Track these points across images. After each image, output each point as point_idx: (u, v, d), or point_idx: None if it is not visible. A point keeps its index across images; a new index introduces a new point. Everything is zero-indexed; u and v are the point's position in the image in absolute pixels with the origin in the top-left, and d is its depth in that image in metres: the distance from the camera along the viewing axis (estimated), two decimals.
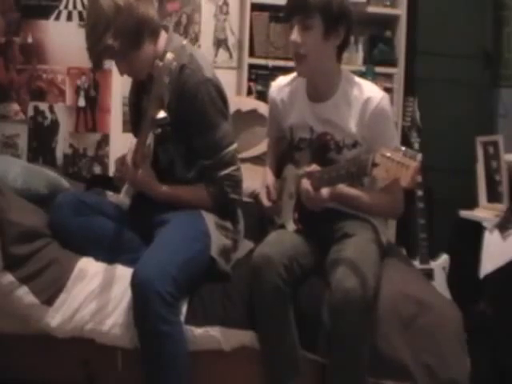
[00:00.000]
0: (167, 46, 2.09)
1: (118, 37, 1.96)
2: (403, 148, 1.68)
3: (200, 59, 2.10)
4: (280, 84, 2.28)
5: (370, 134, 2.06)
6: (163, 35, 2.12)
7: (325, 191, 1.95)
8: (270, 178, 2.28)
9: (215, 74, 2.13)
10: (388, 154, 1.67)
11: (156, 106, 1.97)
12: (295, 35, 2.01)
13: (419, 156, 1.66)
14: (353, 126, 2.08)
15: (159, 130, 2.05)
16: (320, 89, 2.12)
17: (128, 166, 2.05)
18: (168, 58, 1.95)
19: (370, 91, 2.08)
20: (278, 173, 2.30)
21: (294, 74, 2.24)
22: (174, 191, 2.11)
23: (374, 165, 1.71)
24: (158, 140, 2.09)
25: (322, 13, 1.99)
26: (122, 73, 2.13)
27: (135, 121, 2.24)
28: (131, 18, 1.96)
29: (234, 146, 2.14)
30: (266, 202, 2.22)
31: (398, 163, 1.65)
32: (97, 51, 2.00)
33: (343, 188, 2.00)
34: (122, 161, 2.11)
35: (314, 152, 2.12)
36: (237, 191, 2.15)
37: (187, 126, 2.07)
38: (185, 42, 2.18)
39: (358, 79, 2.14)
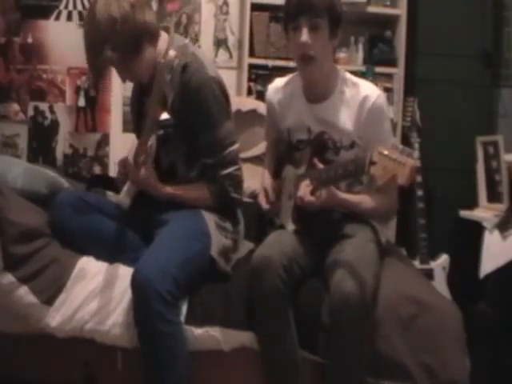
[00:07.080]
0: (169, 46, 2.08)
1: (116, 48, 1.96)
2: (400, 146, 1.69)
3: (203, 58, 2.10)
4: (277, 86, 2.28)
5: (367, 131, 2.06)
6: (164, 36, 2.12)
7: (323, 193, 1.96)
8: (267, 180, 2.28)
9: (218, 72, 2.13)
10: (385, 152, 1.68)
11: (158, 104, 1.97)
12: (305, 36, 1.99)
13: (416, 153, 1.67)
14: (350, 125, 2.08)
15: (161, 132, 2.05)
16: (318, 90, 2.12)
17: (130, 165, 2.05)
18: (170, 56, 1.96)
19: (366, 90, 2.08)
20: (277, 174, 2.30)
21: (290, 76, 2.24)
22: (176, 190, 2.11)
23: (372, 163, 1.72)
24: (160, 141, 2.10)
25: (328, 13, 1.99)
26: (123, 80, 2.14)
27: (138, 123, 2.24)
28: (128, 29, 1.96)
29: (237, 145, 2.14)
30: (263, 205, 2.22)
31: (395, 161, 1.66)
32: (97, 65, 2.01)
33: (343, 195, 2.03)
34: (124, 162, 2.12)
35: (313, 152, 2.12)
36: (238, 191, 2.15)
37: (190, 124, 2.07)
38: (187, 41, 2.18)
39: (354, 78, 2.14)
